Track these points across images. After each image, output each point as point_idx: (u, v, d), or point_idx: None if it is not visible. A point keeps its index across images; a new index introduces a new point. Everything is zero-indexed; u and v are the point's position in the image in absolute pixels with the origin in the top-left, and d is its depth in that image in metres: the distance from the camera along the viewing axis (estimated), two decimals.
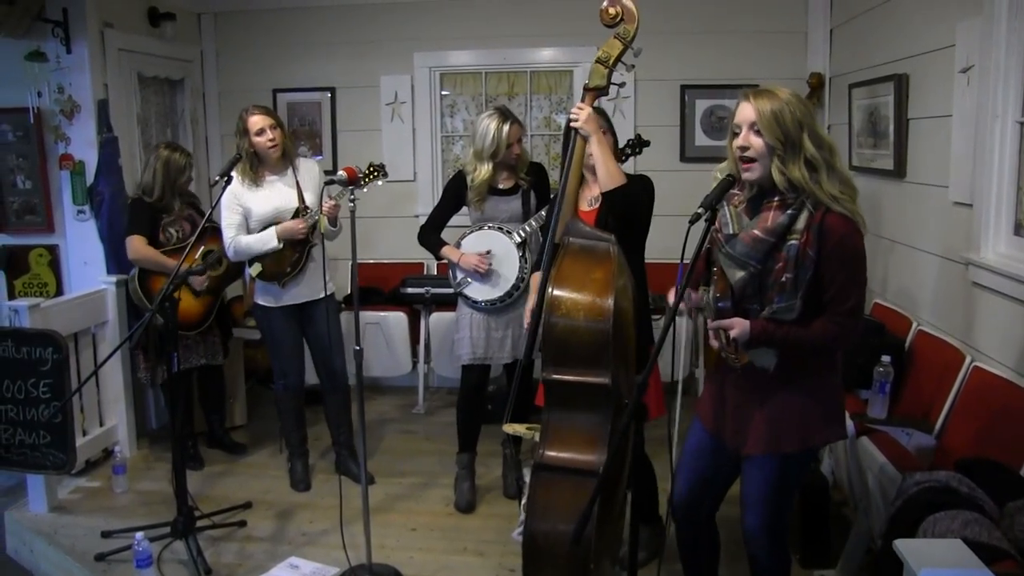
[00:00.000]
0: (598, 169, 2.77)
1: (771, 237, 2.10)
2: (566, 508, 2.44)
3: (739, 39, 4.92)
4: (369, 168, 3.51)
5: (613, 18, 2.65)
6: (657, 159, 4.13)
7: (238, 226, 3.65)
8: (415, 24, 5.20)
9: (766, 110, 2.07)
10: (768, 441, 2.23)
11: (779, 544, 2.37)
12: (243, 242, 3.64)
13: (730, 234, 2.19)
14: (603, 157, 2.75)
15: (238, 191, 3.62)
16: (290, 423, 3.98)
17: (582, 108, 2.74)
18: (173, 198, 3.99)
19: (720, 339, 2.20)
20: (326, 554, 3.30)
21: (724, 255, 2.19)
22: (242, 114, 3.63)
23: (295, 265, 3.69)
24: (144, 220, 3.95)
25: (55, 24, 4.12)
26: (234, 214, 3.64)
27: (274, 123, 3.62)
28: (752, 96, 2.11)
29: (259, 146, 3.60)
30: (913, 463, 2.62)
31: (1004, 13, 2.73)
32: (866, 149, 3.96)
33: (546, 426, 2.57)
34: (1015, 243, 2.82)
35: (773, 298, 2.12)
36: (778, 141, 2.06)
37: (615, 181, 2.75)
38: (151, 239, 3.96)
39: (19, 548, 3.60)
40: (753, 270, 2.14)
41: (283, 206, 3.66)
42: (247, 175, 3.63)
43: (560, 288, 2.51)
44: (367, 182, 3.46)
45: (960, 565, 1.81)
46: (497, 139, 3.45)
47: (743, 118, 2.12)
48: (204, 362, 4.18)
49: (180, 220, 4.03)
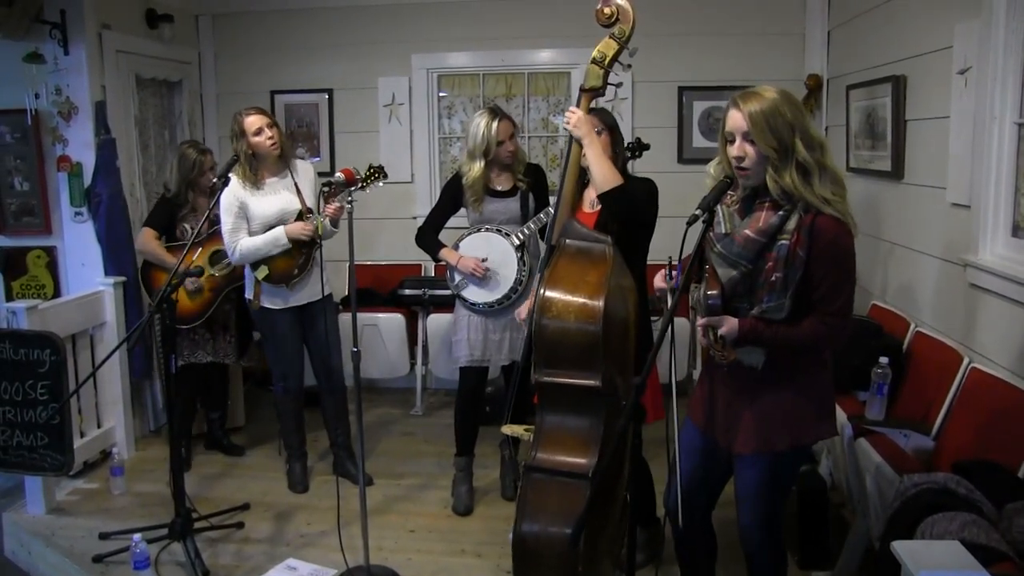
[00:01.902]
0: (592, 171, 2.75)
1: (762, 237, 2.11)
2: (556, 510, 2.45)
3: (737, 40, 4.93)
4: (369, 170, 3.48)
5: (608, 18, 2.65)
6: (655, 161, 4.13)
7: (240, 230, 3.62)
8: (413, 26, 5.21)
9: (759, 118, 2.04)
10: (759, 440, 2.24)
11: (774, 541, 2.38)
12: (251, 244, 3.60)
13: (723, 233, 2.19)
14: (596, 159, 2.74)
15: (239, 194, 3.59)
16: (290, 425, 3.98)
17: (574, 112, 2.74)
18: (191, 194, 4.07)
19: (708, 336, 2.20)
20: (324, 556, 3.30)
21: (716, 254, 2.19)
22: (236, 116, 3.60)
23: (302, 267, 3.70)
24: (161, 214, 4.10)
25: (53, 26, 4.12)
26: (236, 218, 3.60)
27: (271, 122, 3.61)
28: (742, 102, 2.08)
29: (259, 146, 3.57)
30: (911, 464, 2.62)
31: (1002, 15, 2.73)
32: (864, 151, 3.96)
33: (539, 428, 2.57)
34: (1013, 244, 2.82)
35: (763, 297, 2.12)
36: (771, 149, 2.05)
37: (610, 182, 2.73)
38: (168, 234, 4.06)
39: (17, 550, 3.60)
40: (744, 269, 2.14)
41: (286, 208, 3.67)
42: (247, 177, 3.60)
43: (552, 289, 2.52)
44: (367, 184, 3.42)
45: (958, 567, 1.81)
46: (487, 136, 3.45)
47: (735, 127, 2.10)
48: (211, 359, 4.20)
49: (198, 217, 4.04)
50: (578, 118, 2.73)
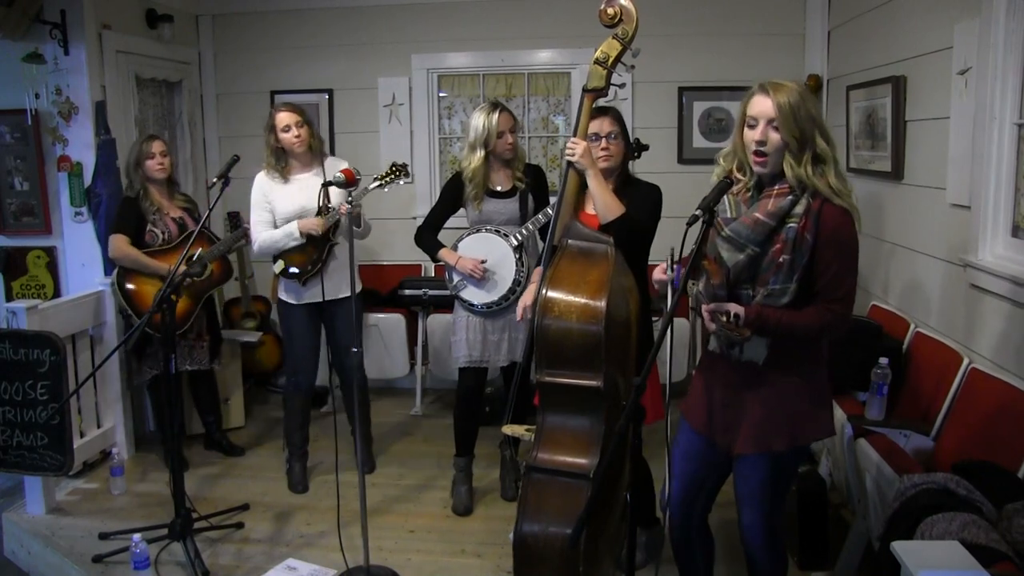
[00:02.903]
0: (596, 203, 2.78)
1: (772, 220, 2.12)
2: (557, 510, 2.45)
3: (737, 41, 4.93)
4: (392, 168, 3.55)
5: (612, 18, 2.65)
6: (655, 161, 4.13)
7: (266, 223, 3.73)
8: (413, 26, 5.20)
9: (785, 106, 2.08)
10: (758, 440, 2.24)
11: (775, 541, 2.39)
12: (268, 237, 3.71)
13: (731, 217, 2.20)
14: (599, 191, 2.77)
15: (265, 187, 3.72)
16: (294, 422, 3.99)
17: (577, 143, 2.75)
18: (147, 186, 3.97)
19: (719, 320, 2.19)
20: (324, 556, 3.30)
21: (723, 238, 2.19)
22: (272, 110, 3.76)
23: (315, 264, 3.72)
24: (129, 219, 3.96)
25: (53, 26, 4.12)
26: (261, 211, 3.73)
27: (301, 120, 3.70)
28: (772, 90, 2.11)
29: (284, 142, 3.68)
30: (911, 465, 2.62)
31: (1002, 15, 2.74)
32: (864, 151, 3.96)
33: (540, 428, 2.57)
34: (1013, 245, 2.82)
35: (768, 280, 2.13)
36: (794, 138, 2.09)
37: (613, 212, 2.76)
38: (136, 239, 3.96)
39: (17, 550, 3.60)
40: (752, 252, 2.15)
41: (308, 204, 3.70)
42: (274, 169, 3.71)
43: (554, 290, 2.52)
44: (388, 182, 3.50)
45: (958, 567, 1.81)
46: (488, 126, 3.46)
47: (761, 112, 2.12)
48: (189, 367, 4.15)
49: (167, 220, 4.02)
50: (582, 149, 2.75)
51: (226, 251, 4.17)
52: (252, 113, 5.39)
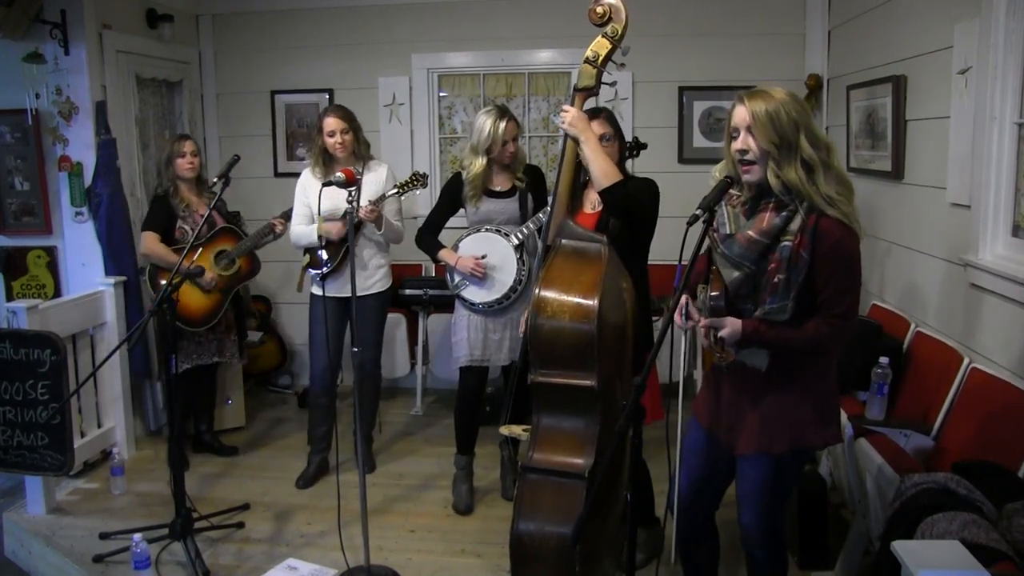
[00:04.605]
0: (590, 169, 2.75)
1: (765, 239, 2.11)
2: (553, 510, 2.45)
3: (737, 41, 4.93)
4: (413, 176, 3.79)
5: (601, 17, 2.65)
6: (655, 161, 4.14)
7: (303, 216, 3.87)
8: (413, 26, 5.20)
9: (761, 112, 2.06)
10: (759, 441, 2.24)
11: (775, 542, 2.39)
12: (296, 232, 3.89)
13: (727, 234, 2.20)
14: (594, 155, 2.73)
15: (307, 183, 3.85)
16: (314, 417, 4.04)
17: (568, 110, 2.73)
18: (179, 183, 4.07)
19: (708, 337, 2.21)
20: (324, 555, 3.30)
21: (720, 255, 2.20)
22: (321, 113, 3.87)
23: (331, 262, 3.81)
24: (159, 216, 4.07)
25: (53, 26, 4.12)
26: (301, 205, 3.89)
27: (346, 127, 3.77)
28: (747, 98, 2.10)
29: (328, 146, 3.78)
30: (911, 464, 2.62)
31: (1002, 14, 2.74)
32: (864, 151, 3.96)
33: (535, 428, 2.57)
34: (1013, 244, 2.82)
35: (766, 299, 2.13)
36: (772, 144, 2.07)
37: (610, 178, 2.72)
38: (166, 235, 4.04)
39: (17, 550, 3.60)
40: (747, 270, 2.15)
41: (338, 205, 3.70)
42: (319, 167, 3.83)
43: (547, 289, 2.51)
44: (407, 190, 3.76)
45: (958, 567, 1.81)
46: (493, 134, 3.46)
47: (739, 121, 2.12)
48: (216, 360, 4.24)
49: (196, 217, 4.06)
50: (573, 116, 2.73)
51: (253, 247, 4.19)
52: (252, 113, 5.41)
